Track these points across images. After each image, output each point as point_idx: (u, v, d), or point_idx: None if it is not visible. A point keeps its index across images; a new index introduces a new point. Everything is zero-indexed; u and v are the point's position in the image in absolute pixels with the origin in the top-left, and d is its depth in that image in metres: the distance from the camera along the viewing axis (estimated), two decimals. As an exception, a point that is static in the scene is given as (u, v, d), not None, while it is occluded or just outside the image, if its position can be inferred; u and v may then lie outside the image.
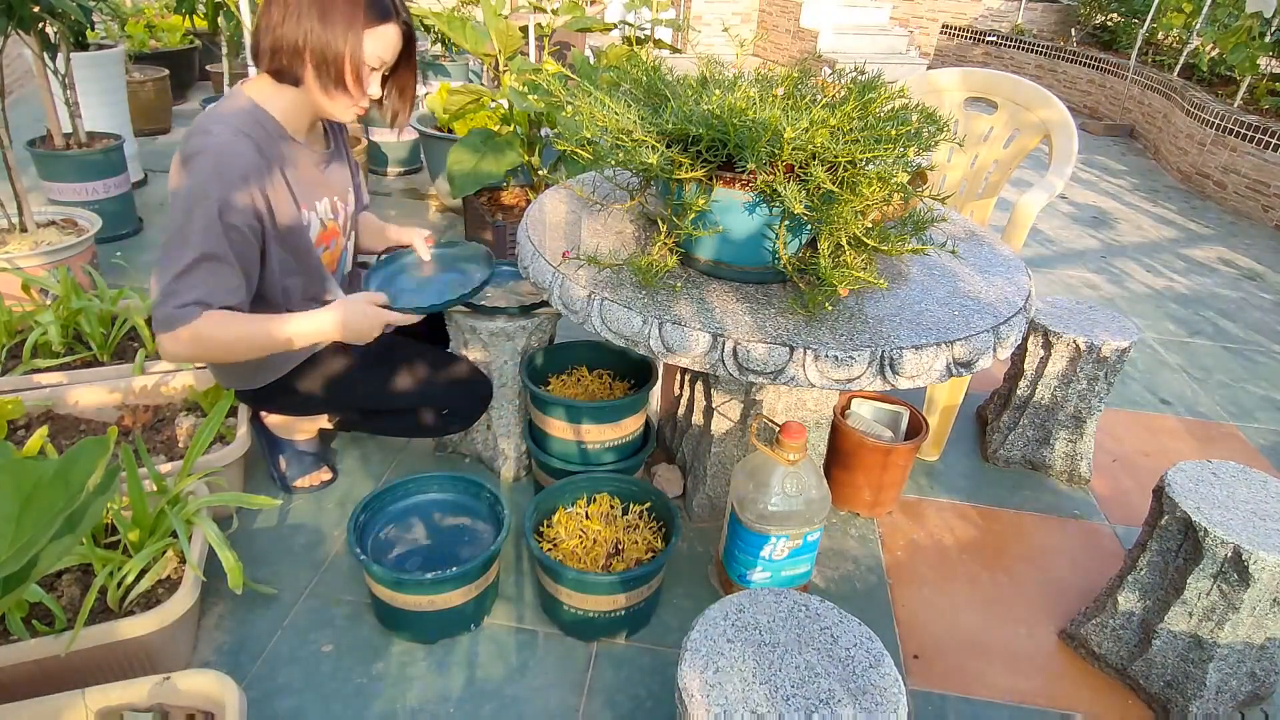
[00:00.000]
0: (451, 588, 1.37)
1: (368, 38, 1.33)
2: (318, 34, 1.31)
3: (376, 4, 1.33)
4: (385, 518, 1.55)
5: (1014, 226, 1.90)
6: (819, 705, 0.97)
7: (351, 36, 1.31)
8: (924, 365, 1.19)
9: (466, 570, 1.36)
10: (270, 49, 1.34)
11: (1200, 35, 5.70)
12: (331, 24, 1.30)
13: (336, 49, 1.32)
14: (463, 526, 1.58)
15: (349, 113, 1.43)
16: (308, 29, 1.30)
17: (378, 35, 1.34)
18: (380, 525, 1.53)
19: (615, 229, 1.57)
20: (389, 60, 1.40)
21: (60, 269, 2.00)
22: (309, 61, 1.33)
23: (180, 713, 1.08)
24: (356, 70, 1.35)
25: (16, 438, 1.63)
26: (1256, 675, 1.36)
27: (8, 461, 0.61)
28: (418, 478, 1.58)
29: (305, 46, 1.32)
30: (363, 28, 1.32)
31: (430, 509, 1.59)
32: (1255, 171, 4.53)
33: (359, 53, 1.33)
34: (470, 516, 1.59)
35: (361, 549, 1.41)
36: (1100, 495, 2.01)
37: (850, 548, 1.76)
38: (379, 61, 1.37)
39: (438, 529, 1.57)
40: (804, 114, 1.16)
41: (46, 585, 1.29)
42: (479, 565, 1.39)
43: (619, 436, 1.70)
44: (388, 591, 1.38)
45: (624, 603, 1.42)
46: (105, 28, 4.48)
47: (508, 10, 4.34)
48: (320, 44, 1.31)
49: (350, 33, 1.31)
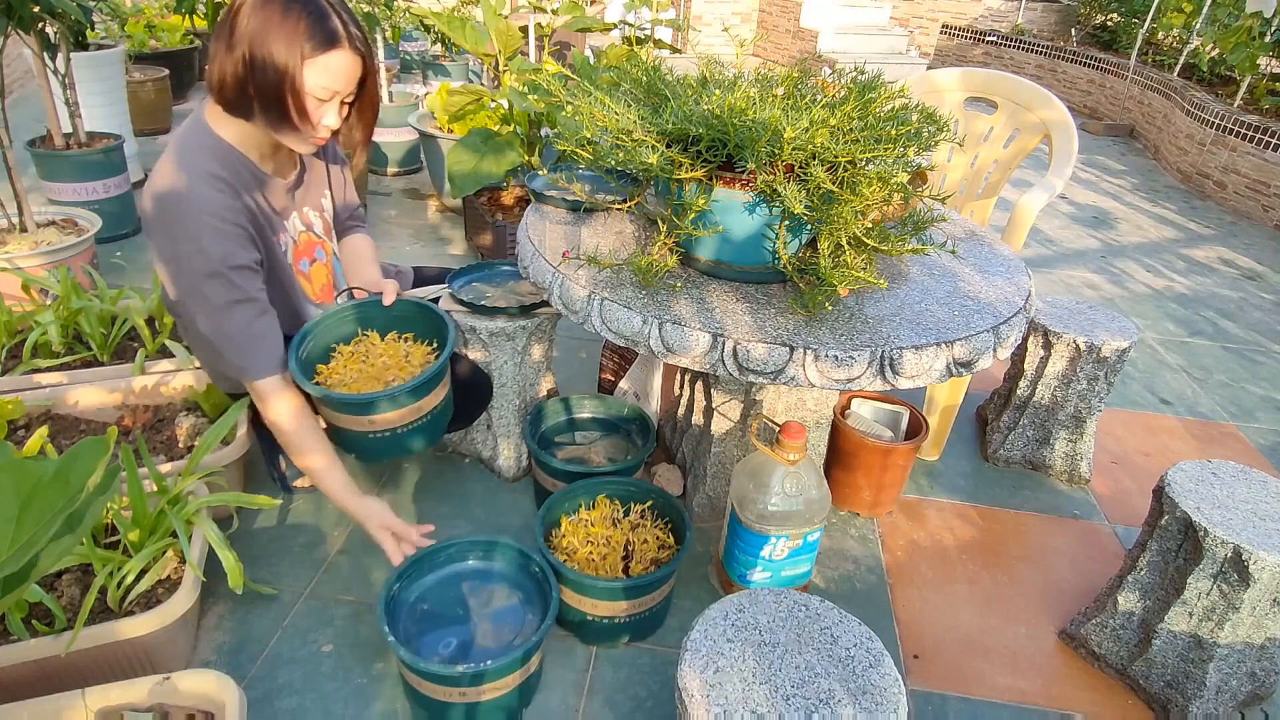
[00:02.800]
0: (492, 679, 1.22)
1: (309, 68, 1.22)
2: (258, 66, 1.20)
3: (319, 30, 1.21)
4: (420, 588, 1.39)
5: (1014, 226, 1.90)
6: (819, 705, 0.97)
7: (290, 67, 1.21)
8: (924, 365, 1.19)
9: (504, 664, 1.20)
10: (217, 83, 1.24)
11: (1200, 35, 5.70)
12: (270, 54, 1.19)
13: (275, 81, 1.21)
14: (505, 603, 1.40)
15: (304, 146, 1.33)
16: (247, 61, 1.20)
17: (320, 65, 1.23)
18: (415, 597, 1.38)
19: (615, 229, 1.57)
20: (342, 89, 1.28)
21: (60, 269, 2.00)
22: (253, 96, 1.23)
23: (180, 713, 1.08)
24: (299, 103, 1.24)
25: (16, 438, 1.63)
26: (1256, 675, 1.36)
27: (8, 461, 0.61)
28: (458, 543, 1.43)
29: (247, 80, 1.22)
30: (302, 59, 1.21)
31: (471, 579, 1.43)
32: (1255, 171, 4.53)
33: (300, 84, 1.22)
34: (511, 587, 1.42)
35: (392, 625, 1.27)
36: (1100, 495, 2.01)
37: (850, 548, 1.76)
38: (327, 93, 1.26)
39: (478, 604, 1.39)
40: (804, 114, 1.16)
41: (46, 585, 1.29)
42: (519, 657, 1.22)
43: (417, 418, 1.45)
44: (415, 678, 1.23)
45: (649, 604, 1.42)
46: (105, 28, 4.48)
47: (508, 10, 4.34)
48: (260, 77, 1.21)
49: (289, 63, 1.20)
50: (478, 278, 1.82)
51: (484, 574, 1.43)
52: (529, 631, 1.33)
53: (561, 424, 1.87)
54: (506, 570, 1.43)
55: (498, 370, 1.73)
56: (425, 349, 1.50)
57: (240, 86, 1.23)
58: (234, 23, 1.21)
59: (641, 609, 1.42)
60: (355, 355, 1.46)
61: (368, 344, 1.49)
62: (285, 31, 1.19)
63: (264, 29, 1.19)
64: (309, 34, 1.21)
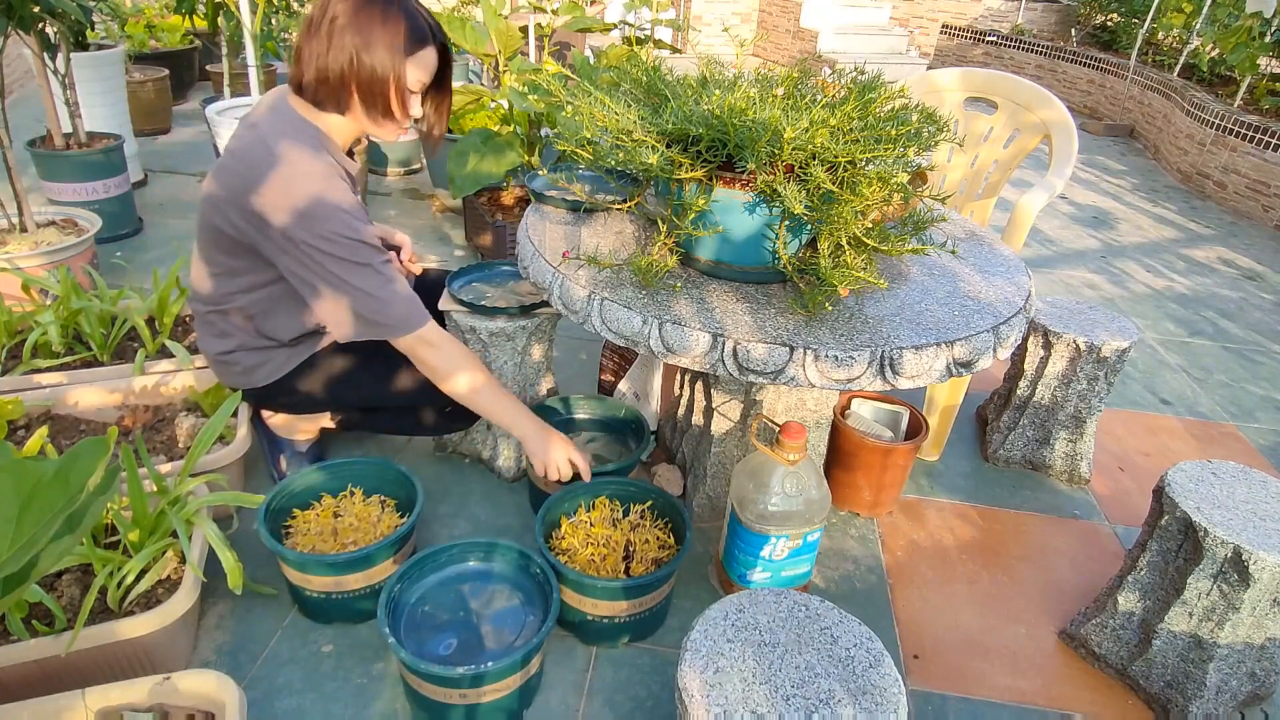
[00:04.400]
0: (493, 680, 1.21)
1: (410, 64, 1.35)
2: (363, 64, 1.31)
3: (415, 30, 1.34)
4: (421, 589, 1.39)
5: (1014, 226, 1.90)
6: (819, 705, 0.97)
7: (396, 65, 1.33)
8: (924, 365, 1.19)
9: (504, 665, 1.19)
10: (315, 81, 1.34)
11: (1200, 35, 5.70)
12: (376, 54, 1.31)
13: (383, 78, 1.33)
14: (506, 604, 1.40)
15: (394, 135, 1.44)
16: (352, 60, 1.31)
17: (419, 60, 1.36)
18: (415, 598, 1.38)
19: (615, 229, 1.57)
20: (428, 81, 1.41)
21: (60, 269, 2.00)
22: (355, 92, 1.34)
23: (180, 713, 1.08)
24: (402, 96, 1.37)
25: (16, 438, 1.63)
26: (1256, 675, 1.36)
27: (8, 461, 0.61)
28: (459, 544, 1.42)
29: (351, 77, 1.33)
30: (405, 55, 1.33)
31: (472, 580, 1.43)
32: (1255, 171, 4.53)
33: (403, 80, 1.35)
34: (512, 588, 1.42)
35: (393, 626, 1.27)
36: (1100, 495, 2.01)
37: (850, 548, 1.76)
38: (420, 85, 1.39)
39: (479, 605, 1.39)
40: (804, 114, 1.16)
41: (46, 585, 1.29)
42: (520, 659, 1.21)
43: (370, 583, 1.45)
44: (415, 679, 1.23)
45: (649, 603, 1.42)
46: (105, 28, 4.48)
47: (508, 10, 4.34)
48: (367, 74, 1.32)
49: (394, 61, 1.32)
50: (478, 277, 1.82)
51: (485, 575, 1.43)
52: (530, 633, 1.33)
53: (556, 425, 1.87)
54: (507, 571, 1.43)
55: (498, 370, 1.73)
56: (396, 518, 1.54)
57: (343, 83, 1.34)
58: (330, 27, 1.30)
59: (641, 609, 1.42)
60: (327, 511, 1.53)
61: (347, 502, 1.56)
62: (388, 33, 1.31)
63: (368, 31, 1.30)
64: (408, 34, 1.33)
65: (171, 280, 2.00)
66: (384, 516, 1.53)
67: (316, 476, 1.56)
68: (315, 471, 1.56)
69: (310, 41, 1.33)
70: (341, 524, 1.49)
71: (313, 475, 1.56)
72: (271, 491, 1.48)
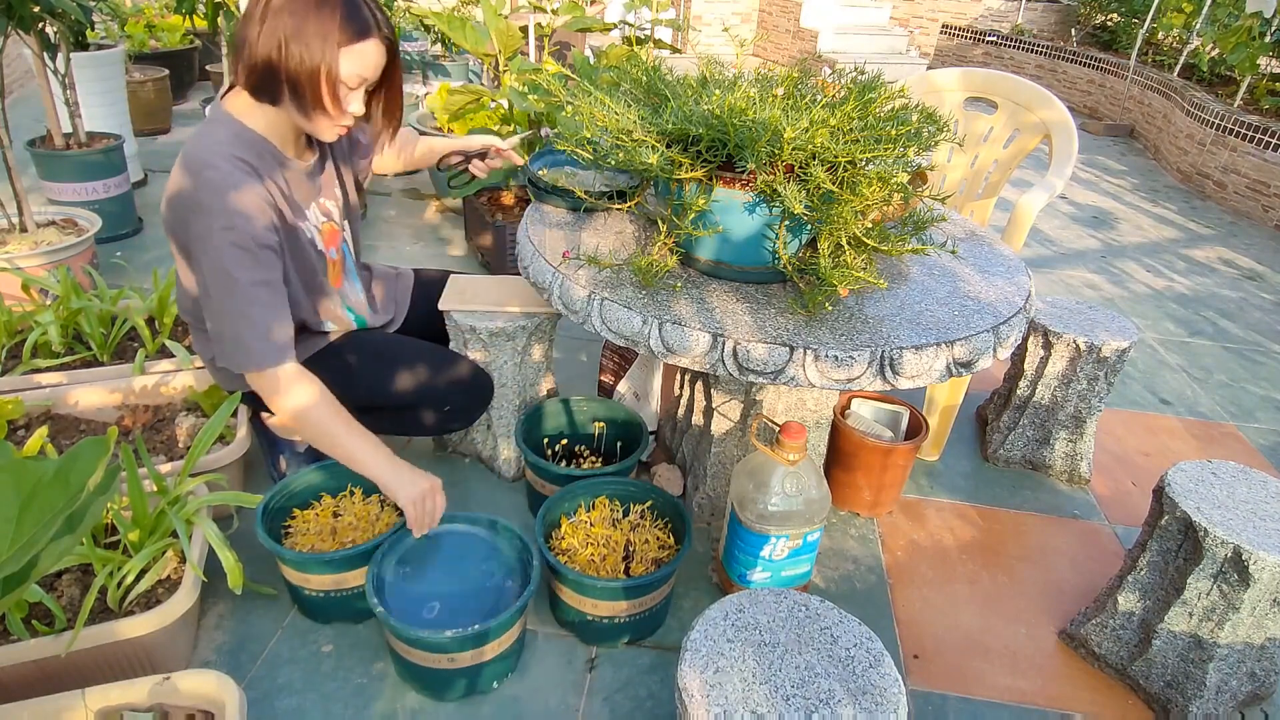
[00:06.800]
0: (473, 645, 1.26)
1: (344, 56, 1.25)
2: (291, 52, 1.23)
3: (354, 19, 1.25)
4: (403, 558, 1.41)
5: (1014, 226, 1.90)
6: (819, 705, 0.97)
7: (327, 55, 1.24)
8: (924, 365, 1.19)
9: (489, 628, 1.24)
10: (246, 68, 1.27)
11: (1200, 35, 5.70)
12: (306, 42, 1.22)
13: (311, 68, 1.24)
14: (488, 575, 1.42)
15: (330, 133, 1.36)
16: (280, 46, 1.23)
17: (355, 53, 1.26)
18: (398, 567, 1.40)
19: (615, 229, 1.57)
20: (370, 78, 1.32)
21: (60, 269, 2.00)
22: (284, 81, 1.26)
23: (180, 713, 1.08)
24: (333, 90, 1.27)
25: (16, 438, 1.63)
26: (1256, 675, 1.36)
27: (8, 461, 0.61)
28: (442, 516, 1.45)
29: (280, 65, 1.24)
30: (338, 45, 1.24)
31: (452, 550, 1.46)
32: (1255, 171, 4.53)
33: (335, 72, 1.25)
34: (493, 560, 1.45)
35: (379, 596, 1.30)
36: (1100, 495, 2.01)
37: (850, 548, 1.76)
38: (358, 80, 1.30)
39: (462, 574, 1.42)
40: (804, 114, 1.16)
41: (46, 585, 1.29)
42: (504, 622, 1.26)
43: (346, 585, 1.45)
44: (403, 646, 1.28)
45: (649, 603, 1.42)
46: (105, 28, 4.48)
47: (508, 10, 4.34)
48: (295, 62, 1.24)
49: (325, 51, 1.23)
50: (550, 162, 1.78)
51: (464, 543, 1.46)
52: (510, 598, 1.36)
53: (554, 426, 1.87)
54: (487, 540, 1.47)
55: (498, 370, 1.73)
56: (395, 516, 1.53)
57: (272, 73, 1.26)
58: (265, 11, 1.23)
59: (641, 609, 1.42)
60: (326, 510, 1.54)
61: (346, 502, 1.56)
62: (321, 21, 1.22)
63: (300, 18, 1.22)
64: (344, 24, 1.24)
65: (171, 280, 2.00)
66: (383, 515, 1.53)
67: (316, 476, 1.57)
68: (315, 471, 1.56)
69: (246, 26, 1.25)
70: (341, 523, 1.49)
71: (312, 475, 1.56)
72: (270, 491, 1.48)
